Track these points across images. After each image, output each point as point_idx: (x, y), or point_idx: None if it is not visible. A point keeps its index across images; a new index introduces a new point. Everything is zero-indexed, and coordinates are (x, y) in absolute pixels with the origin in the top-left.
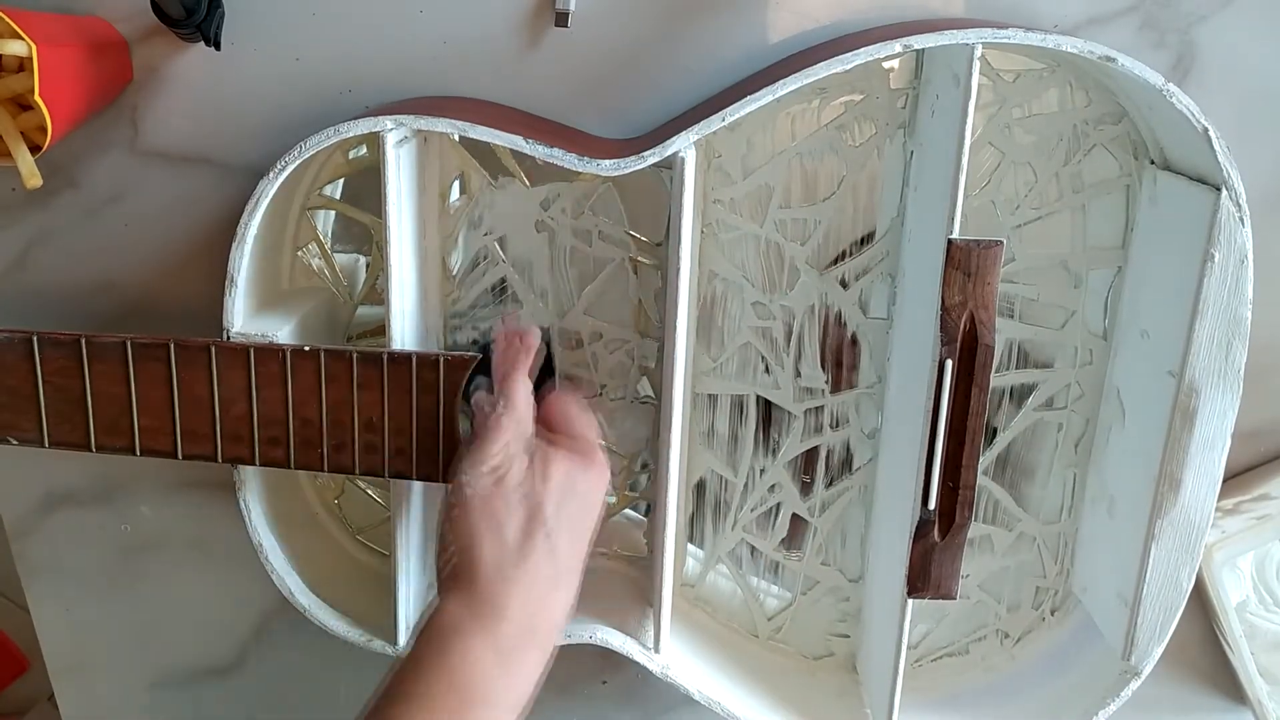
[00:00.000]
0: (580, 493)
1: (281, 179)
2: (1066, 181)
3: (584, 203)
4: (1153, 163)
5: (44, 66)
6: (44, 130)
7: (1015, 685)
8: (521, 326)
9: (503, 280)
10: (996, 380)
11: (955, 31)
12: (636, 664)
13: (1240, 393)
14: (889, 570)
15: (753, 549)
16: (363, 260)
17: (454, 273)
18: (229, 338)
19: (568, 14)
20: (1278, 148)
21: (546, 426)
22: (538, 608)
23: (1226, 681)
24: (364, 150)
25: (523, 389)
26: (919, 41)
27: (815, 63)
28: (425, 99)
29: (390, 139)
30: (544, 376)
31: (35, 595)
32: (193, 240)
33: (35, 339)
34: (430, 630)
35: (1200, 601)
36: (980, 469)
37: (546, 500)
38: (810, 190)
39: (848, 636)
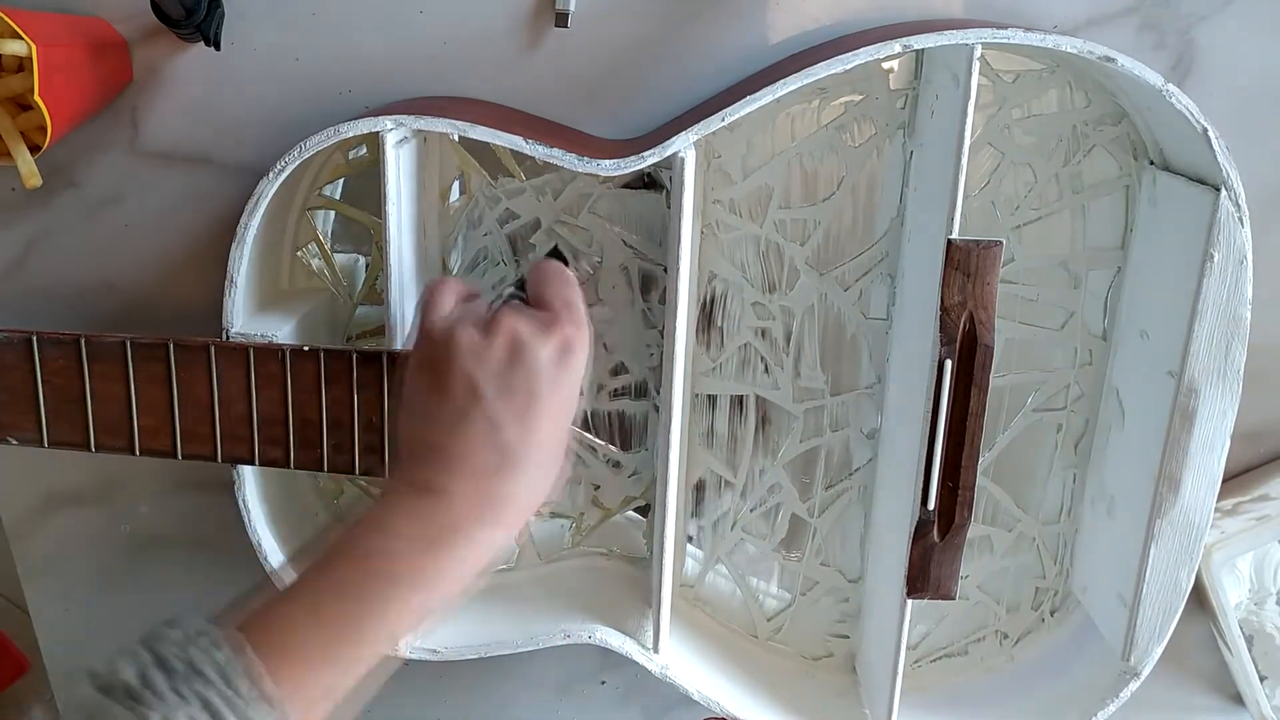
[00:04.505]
0: (528, 364)
1: (281, 179)
2: (1066, 182)
3: (584, 203)
4: (1152, 163)
5: (44, 66)
6: (44, 130)
7: (1015, 686)
8: None
9: (502, 280)
10: (996, 380)
11: (955, 32)
12: (636, 664)
13: (1240, 393)
14: (888, 571)
15: (752, 549)
16: (362, 260)
17: (454, 273)
18: (229, 338)
19: (568, 14)
20: (1277, 148)
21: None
22: (475, 487)
23: (1225, 682)
24: (364, 150)
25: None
26: (919, 42)
27: (815, 63)
28: (425, 99)
29: (390, 139)
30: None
31: (35, 595)
32: (193, 240)
33: (35, 339)
34: (374, 500)
35: (1199, 602)
36: (980, 469)
37: (481, 373)
38: (810, 190)
39: (847, 637)
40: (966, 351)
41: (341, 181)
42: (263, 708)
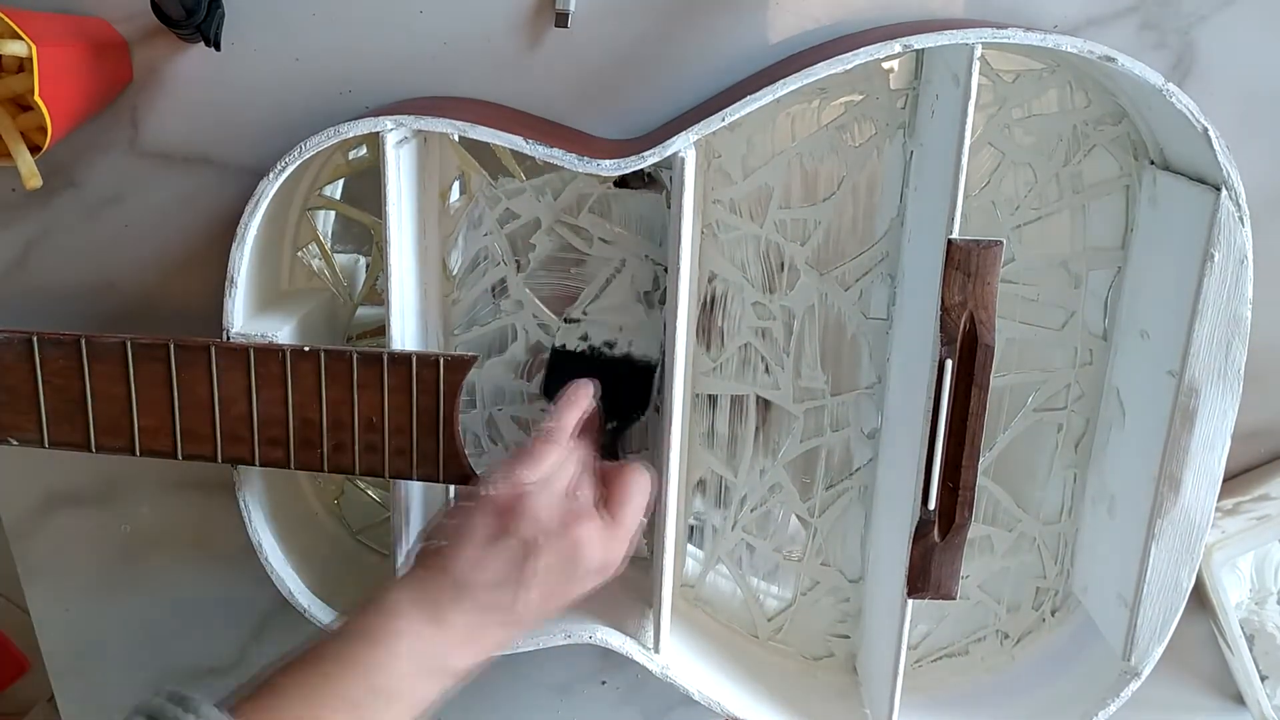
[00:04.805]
0: (580, 568)
1: (281, 179)
2: (1066, 182)
3: (584, 203)
4: (1152, 163)
5: (44, 66)
6: (44, 130)
7: (1015, 686)
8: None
9: (502, 280)
10: (996, 380)
11: (955, 31)
12: (636, 664)
13: (1240, 393)
14: (889, 570)
15: (752, 549)
16: (363, 260)
17: (454, 273)
18: (229, 338)
19: (568, 14)
20: (1278, 148)
21: (605, 485)
22: (472, 637)
23: (1226, 682)
24: (364, 150)
25: (570, 428)
26: (919, 41)
27: (815, 63)
28: (425, 99)
29: (390, 139)
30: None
31: (35, 595)
32: (193, 240)
33: (35, 339)
34: (371, 604)
35: (1200, 602)
36: (980, 469)
37: (545, 553)
38: (810, 190)
39: (848, 637)
40: (967, 351)
41: (341, 181)
42: None
